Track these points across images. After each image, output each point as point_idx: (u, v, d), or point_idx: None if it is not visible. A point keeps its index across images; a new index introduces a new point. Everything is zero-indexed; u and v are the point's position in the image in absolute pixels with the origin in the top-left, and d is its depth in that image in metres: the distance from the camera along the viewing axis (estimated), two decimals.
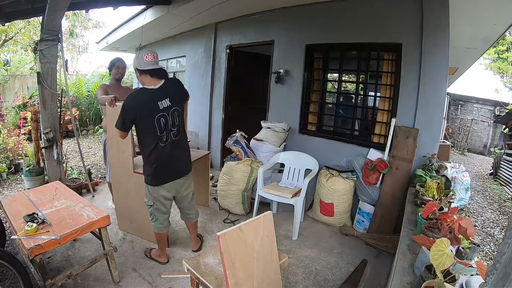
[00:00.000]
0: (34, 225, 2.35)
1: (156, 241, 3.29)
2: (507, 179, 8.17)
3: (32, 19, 8.88)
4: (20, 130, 7.62)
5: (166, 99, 2.83)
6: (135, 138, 3.16)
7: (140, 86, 2.94)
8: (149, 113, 2.77)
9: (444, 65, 3.70)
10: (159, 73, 2.84)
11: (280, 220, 4.35)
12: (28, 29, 10.16)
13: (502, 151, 9.73)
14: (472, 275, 1.68)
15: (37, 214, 2.56)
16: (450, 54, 3.69)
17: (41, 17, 4.38)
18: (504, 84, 14.92)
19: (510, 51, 13.45)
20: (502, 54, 13.78)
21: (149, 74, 2.80)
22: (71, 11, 11.43)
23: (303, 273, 3.25)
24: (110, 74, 4.30)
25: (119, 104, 3.07)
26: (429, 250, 1.53)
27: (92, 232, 2.87)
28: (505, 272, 0.76)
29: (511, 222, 0.77)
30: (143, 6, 6.15)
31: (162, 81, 2.86)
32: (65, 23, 13.76)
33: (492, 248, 4.53)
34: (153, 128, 2.79)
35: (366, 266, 3.32)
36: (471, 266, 1.54)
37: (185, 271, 2.25)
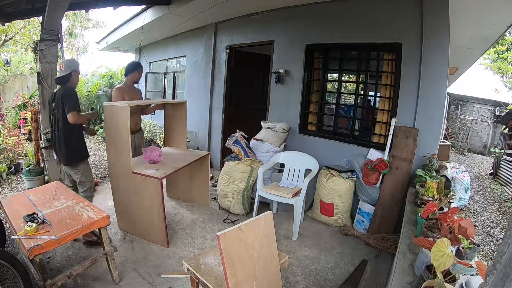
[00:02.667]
0: (34, 225, 2.35)
1: None
2: (507, 179, 8.17)
3: (32, 19, 8.89)
4: (20, 130, 7.63)
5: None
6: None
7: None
8: None
9: (444, 65, 3.70)
10: None
11: (280, 220, 4.35)
12: (28, 29, 10.18)
13: (502, 151, 9.73)
14: (472, 275, 1.68)
15: (37, 214, 2.55)
16: (450, 54, 3.69)
17: (41, 17, 4.38)
18: (504, 84, 14.91)
19: (510, 51, 13.45)
20: (502, 54, 13.77)
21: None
22: (71, 11, 11.43)
23: (303, 273, 3.25)
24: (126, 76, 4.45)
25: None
26: (429, 250, 1.53)
27: (92, 232, 2.87)
28: (505, 272, 0.76)
29: (511, 222, 0.77)
30: (143, 6, 6.17)
31: None
32: (65, 23, 13.76)
33: (492, 248, 4.53)
34: None
35: (366, 266, 3.33)
36: (471, 266, 1.54)
37: (185, 271, 2.24)
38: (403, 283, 1.77)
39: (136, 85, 4.48)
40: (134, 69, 4.37)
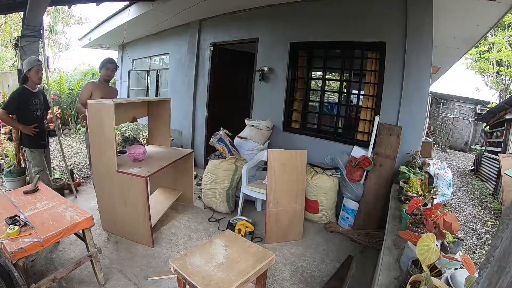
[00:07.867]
0: (16, 227, 2.28)
1: None
2: (488, 175, 8.37)
3: (12, 14, 8.68)
4: (0, 130, 7.44)
5: None
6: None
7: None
8: None
9: (427, 64, 3.76)
10: None
11: (264, 218, 4.34)
12: (9, 25, 9.93)
13: (483, 148, 9.95)
14: (456, 268, 1.71)
15: (19, 216, 2.48)
16: (433, 53, 3.75)
17: (22, 13, 4.28)
18: (485, 83, 15.21)
19: (491, 51, 13.70)
20: (483, 54, 14.00)
21: None
22: (53, 7, 11.21)
23: (289, 270, 3.26)
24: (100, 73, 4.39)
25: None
26: (415, 245, 1.56)
27: (75, 234, 2.82)
28: (500, 266, 0.77)
29: (504, 216, 0.78)
30: (127, 2, 6.09)
31: None
32: (46, 19, 13.48)
33: (475, 242, 4.64)
34: None
35: (352, 262, 3.36)
36: (456, 260, 1.57)
37: (172, 271, 2.22)
38: (389, 278, 1.79)
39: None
40: (102, 66, 4.33)
